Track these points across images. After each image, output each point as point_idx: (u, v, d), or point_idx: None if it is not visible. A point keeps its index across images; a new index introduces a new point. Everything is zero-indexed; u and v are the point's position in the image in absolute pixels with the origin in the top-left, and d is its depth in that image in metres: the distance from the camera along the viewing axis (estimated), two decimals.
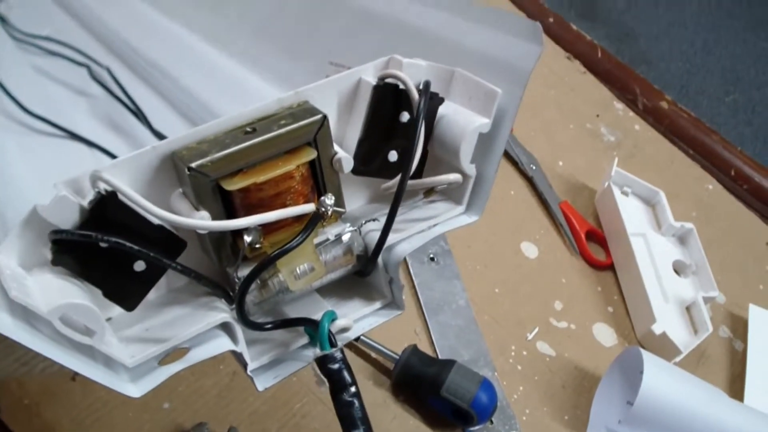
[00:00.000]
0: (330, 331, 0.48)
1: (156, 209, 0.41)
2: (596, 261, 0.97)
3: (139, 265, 0.43)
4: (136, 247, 0.42)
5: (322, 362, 0.47)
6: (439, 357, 0.81)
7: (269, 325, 0.49)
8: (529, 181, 1.03)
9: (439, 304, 0.87)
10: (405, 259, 0.87)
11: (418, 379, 0.76)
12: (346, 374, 0.47)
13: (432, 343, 0.83)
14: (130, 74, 0.81)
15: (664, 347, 0.87)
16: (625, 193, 1.02)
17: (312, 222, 0.45)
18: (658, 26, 2.45)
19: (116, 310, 0.46)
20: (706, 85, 2.49)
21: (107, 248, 0.42)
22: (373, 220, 0.52)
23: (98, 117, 0.76)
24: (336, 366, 0.47)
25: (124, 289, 0.44)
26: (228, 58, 0.78)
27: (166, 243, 0.44)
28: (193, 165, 0.42)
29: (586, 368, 0.86)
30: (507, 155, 1.04)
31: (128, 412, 0.68)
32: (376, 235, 0.49)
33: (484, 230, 0.95)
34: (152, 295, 0.47)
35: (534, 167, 1.04)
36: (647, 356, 0.77)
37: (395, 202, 0.47)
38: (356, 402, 0.47)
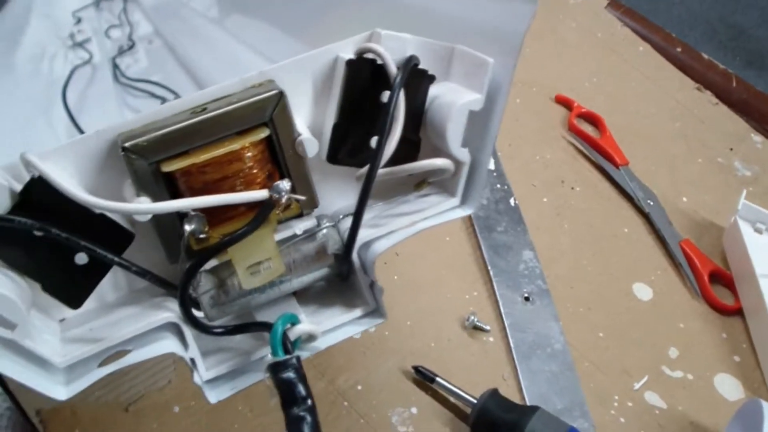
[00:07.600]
0: (286, 336, 0.42)
1: (77, 192, 0.38)
2: (722, 305, 0.86)
3: (81, 258, 0.40)
4: (63, 234, 0.38)
5: (275, 370, 0.41)
6: (528, 404, 0.73)
7: (220, 329, 0.43)
8: (646, 217, 0.94)
9: (532, 347, 0.79)
10: (497, 299, 0.81)
11: (495, 426, 0.69)
12: (300, 386, 0.41)
13: (521, 389, 0.75)
14: None
15: None
16: (758, 231, 0.91)
17: (263, 209, 0.40)
18: None
19: (70, 311, 0.43)
20: None
21: (44, 238, 0.38)
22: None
23: None
24: (288, 375, 0.41)
25: (67, 284, 0.41)
26: None
27: (112, 235, 0.40)
28: (127, 145, 0.39)
29: (704, 424, 0.76)
30: (622, 190, 0.96)
31: None
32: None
33: (591, 270, 0.87)
34: (112, 296, 0.44)
35: (651, 203, 0.94)
36: None
37: (364, 191, 0.41)
38: (309, 417, 0.41)
